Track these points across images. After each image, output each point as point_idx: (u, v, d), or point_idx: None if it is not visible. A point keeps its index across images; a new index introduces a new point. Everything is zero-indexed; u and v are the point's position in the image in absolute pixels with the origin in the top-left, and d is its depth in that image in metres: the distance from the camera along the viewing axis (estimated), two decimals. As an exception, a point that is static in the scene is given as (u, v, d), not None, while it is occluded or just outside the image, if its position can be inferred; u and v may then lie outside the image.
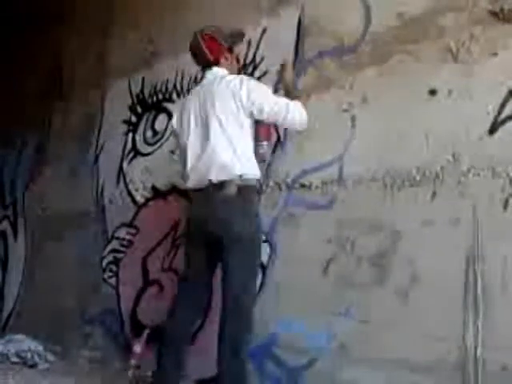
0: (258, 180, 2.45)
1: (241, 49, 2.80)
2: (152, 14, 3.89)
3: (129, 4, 4.18)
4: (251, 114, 2.37)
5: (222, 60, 2.51)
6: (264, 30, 3.00)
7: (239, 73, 2.65)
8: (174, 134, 2.63)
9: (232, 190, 2.30)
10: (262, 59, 2.97)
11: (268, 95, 2.41)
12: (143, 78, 3.81)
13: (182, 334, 2.42)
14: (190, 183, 2.45)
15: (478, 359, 1.90)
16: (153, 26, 3.84)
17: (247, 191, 2.35)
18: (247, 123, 2.39)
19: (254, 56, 3.00)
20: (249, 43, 3.01)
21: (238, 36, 2.64)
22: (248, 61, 3.01)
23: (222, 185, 2.31)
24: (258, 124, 2.46)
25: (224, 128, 2.35)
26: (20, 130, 5.06)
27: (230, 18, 3.13)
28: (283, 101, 2.41)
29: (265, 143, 2.52)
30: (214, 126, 2.37)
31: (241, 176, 2.32)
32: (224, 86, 2.39)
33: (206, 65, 2.54)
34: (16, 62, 5.43)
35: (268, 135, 2.60)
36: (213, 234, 2.32)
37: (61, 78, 4.77)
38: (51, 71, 4.89)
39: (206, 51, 2.50)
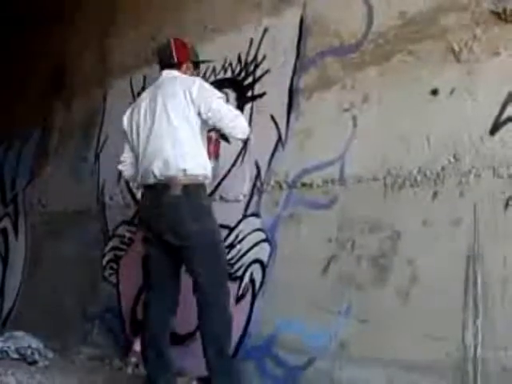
0: (205, 178, 2.44)
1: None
2: (153, 13, 3.89)
3: (130, 2, 4.18)
4: (199, 111, 2.37)
5: (184, 67, 2.57)
6: (266, 29, 3.00)
7: None
8: (124, 133, 2.64)
9: (177, 190, 2.31)
10: (264, 58, 2.96)
11: (219, 97, 2.44)
12: (144, 77, 3.80)
13: (159, 334, 2.40)
14: (139, 179, 2.48)
15: (477, 359, 1.89)
16: (154, 24, 3.84)
17: (194, 190, 2.35)
18: (197, 122, 2.40)
19: (256, 55, 3.00)
20: (250, 42, 3.01)
21: (198, 61, 2.71)
22: (249, 60, 3.01)
23: (167, 185, 2.32)
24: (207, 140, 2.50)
25: (172, 124, 2.37)
26: (21, 127, 5.07)
27: (232, 16, 3.13)
28: (232, 108, 2.48)
29: (212, 160, 2.56)
30: (161, 121, 2.39)
31: (184, 171, 2.31)
32: (177, 83, 2.43)
33: (167, 64, 2.57)
34: (18, 61, 5.43)
35: (216, 152, 2.65)
36: (166, 236, 2.33)
37: (63, 76, 4.77)
38: (53, 69, 4.90)
39: (174, 53, 2.56)
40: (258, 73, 2.93)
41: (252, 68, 2.98)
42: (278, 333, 2.49)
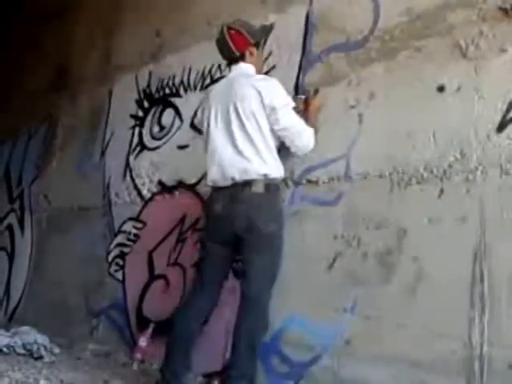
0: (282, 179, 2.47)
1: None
2: (158, 9, 3.89)
3: (135, -1, 4.19)
4: (268, 119, 2.39)
5: (247, 55, 2.51)
6: (272, 26, 2.98)
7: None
8: (199, 125, 2.66)
9: (259, 187, 2.32)
10: (270, 54, 2.96)
11: (289, 107, 2.42)
12: (150, 73, 3.81)
13: (191, 331, 2.43)
14: (211, 181, 2.45)
15: (483, 357, 1.89)
16: (160, 20, 3.84)
17: (273, 189, 2.37)
18: (267, 126, 2.40)
19: (262, 51, 2.99)
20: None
21: (265, 31, 2.64)
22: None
23: (248, 182, 2.32)
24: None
25: (247, 128, 2.36)
26: (27, 124, 5.08)
27: (238, 12, 3.12)
28: (300, 120, 2.44)
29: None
30: (237, 125, 2.38)
31: (265, 175, 2.34)
32: (249, 86, 2.40)
33: (231, 59, 2.54)
34: (24, 58, 5.46)
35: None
36: (238, 232, 2.33)
37: (68, 72, 4.78)
38: (59, 66, 4.91)
39: (231, 45, 2.49)
40: (264, 69, 2.92)
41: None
42: (283, 329, 2.49)
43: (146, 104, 3.80)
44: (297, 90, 2.76)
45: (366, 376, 2.19)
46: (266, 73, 2.86)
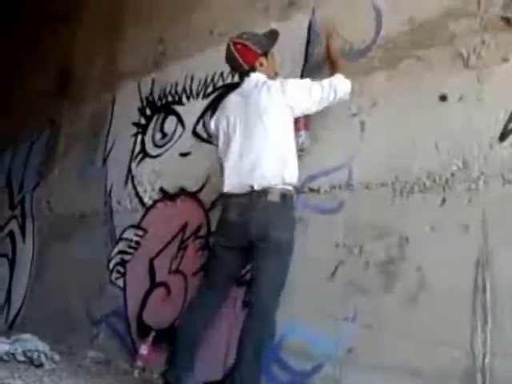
0: (295, 187, 2.48)
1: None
2: (163, 16, 3.91)
3: (139, 5, 4.20)
4: (303, 112, 2.44)
5: (257, 66, 2.54)
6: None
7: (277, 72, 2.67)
8: (213, 137, 2.67)
9: (276, 196, 2.33)
10: (272, 63, 2.96)
11: (312, 88, 2.43)
12: (153, 80, 3.82)
13: (195, 335, 2.44)
14: (227, 188, 2.46)
15: (485, 367, 1.88)
16: (163, 27, 3.85)
17: (289, 198, 2.38)
18: (291, 126, 2.42)
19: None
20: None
21: (272, 38, 2.65)
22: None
23: (265, 191, 2.33)
24: None
25: (269, 135, 2.38)
26: (29, 130, 5.09)
27: (240, 21, 3.14)
28: (327, 84, 2.44)
29: (303, 132, 2.57)
30: (257, 132, 2.40)
31: (284, 180, 2.35)
32: (266, 93, 2.42)
33: (242, 73, 2.57)
34: (26, 63, 5.47)
35: (306, 125, 2.62)
36: (252, 239, 2.33)
37: (71, 79, 4.80)
38: (61, 72, 4.93)
39: (241, 61, 2.53)
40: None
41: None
42: (284, 338, 2.48)
43: (148, 111, 3.81)
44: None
45: (367, 385, 2.18)
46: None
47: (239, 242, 2.39)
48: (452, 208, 2.12)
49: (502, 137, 2.05)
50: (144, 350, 2.87)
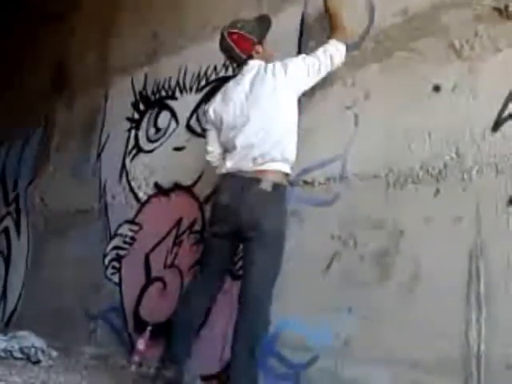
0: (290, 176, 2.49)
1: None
2: (155, 11, 3.89)
3: (131, 1, 4.18)
4: (305, 88, 2.48)
5: (254, 54, 2.55)
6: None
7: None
8: (211, 125, 2.63)
9: (268, 186, 2.33)
10: (265, 56, 2.96)
11: (310, 64, 2.46)
12: (146, 75, 3.81)
13: (191, 323, 2.45)
14: (225, 169, 2.46)
15: (480, 357, 1.90)
16: (156, 22, 3.84)
17: (281, 188, 2.38)
18: (295, 106, 2.45)
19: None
20: (252, 40, 3.00)
21: (265, 24, 2.65)
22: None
23: (258, 178, 2.33)
24: None
25: (272, 117, 2.40)
26: (23, 127, 5.08)
27: (233, 14, 3.12)
28: (322, 54, 2.47)
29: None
30: (262, 115, 2.40)
31: (286, 159, 2.38)
32: (271, 76, 2.44)
33: (240, 61, 2.58)
34: (19, 60, 5.45)
35: None
36: (242, 226, 2.33)
37: (65, 75, 4.78)
38: (54, 69, 4.91)
39: (237, 50, 2.54)
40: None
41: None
42: (280, 331, 2.49)
43: (141, 106, 3.80)
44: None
45: (364, 377, 2.18)
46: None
47: (230, 227, 2.38)
48: (446, 199, 2.13)
49: (495, 127, 2.05)
50: (141, 344, 2.87)
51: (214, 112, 2.59)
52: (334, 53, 2.48)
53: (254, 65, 2.54)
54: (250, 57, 2.56)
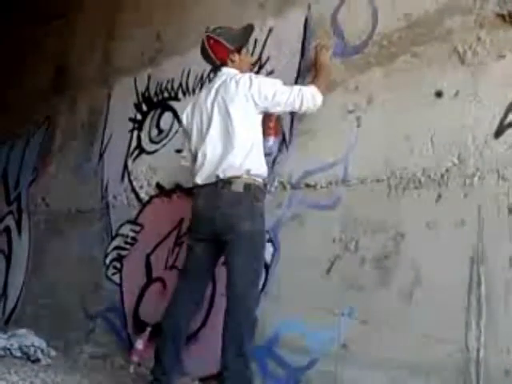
0: (264, 180, 2.47)
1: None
2: (157, 12, 3.90)
3: (135, 2, 4.19)
4: (265, 109, 2.43)
5: (229, 62, 2.56)
6: (270, 30, 3.00)
7: (251, 69, 2.67)
8: (184, 131, 2.66)
9: (239, 187, 2.33)
10: (268, 59, 2.97)
11: (279, 88, 2.44)
12: (149, 76, 3.81)
13: (178, 329, 2.44)
14: (198, 179, 2.47)
15: (480, 361, 1.90)
16: (159, 23, 3.84)
17: (255, 189, 2.38)
18: (258, 121, 2.44)
19: (260, 55, 3.01)
20: (255, 43, 3.01)
21: (246, 34, 2.65)
22: (254, 60, 3.01)
23: (229, 181, 2.34)
24: (266, 118, 2.50)
25: (234, 127, 2.39)
26: (25, 127, 5.08)
27: (236, 17, 3.13)
28: (296, 90, 2.45)
29: (271, 138, 2.60)
30: (224, 125, 2.41)
31: (248, 171, 2.35)
32: (234, 86, 2.43)
33: (215, 66, 2.60)
34: (22, 60, 5.45)
35: (276, 131, 2.65)
36: (219, 231, 2.35)
37: (66, 75, 4.78)
38: (57, 69, 4.91)
39: (212, 56, 2.57)
40: (263, 73, 2.93)
41: (256, 69, 2.98)
42: (280, 333, 2.49)
43: (144, 107, 3.80)
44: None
45: (363, 380, 2.19)
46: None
47: (207, 234, 2.40)
48: (447, 204, 2.13)
49: (498, 133, 2.05)
50: (140, 345, 2.88)
51: (186, 120, 2.62)
52: (307, 97, 2.45)
53: (224, 73, 2.54)
54: (225, 64, 2.56)
